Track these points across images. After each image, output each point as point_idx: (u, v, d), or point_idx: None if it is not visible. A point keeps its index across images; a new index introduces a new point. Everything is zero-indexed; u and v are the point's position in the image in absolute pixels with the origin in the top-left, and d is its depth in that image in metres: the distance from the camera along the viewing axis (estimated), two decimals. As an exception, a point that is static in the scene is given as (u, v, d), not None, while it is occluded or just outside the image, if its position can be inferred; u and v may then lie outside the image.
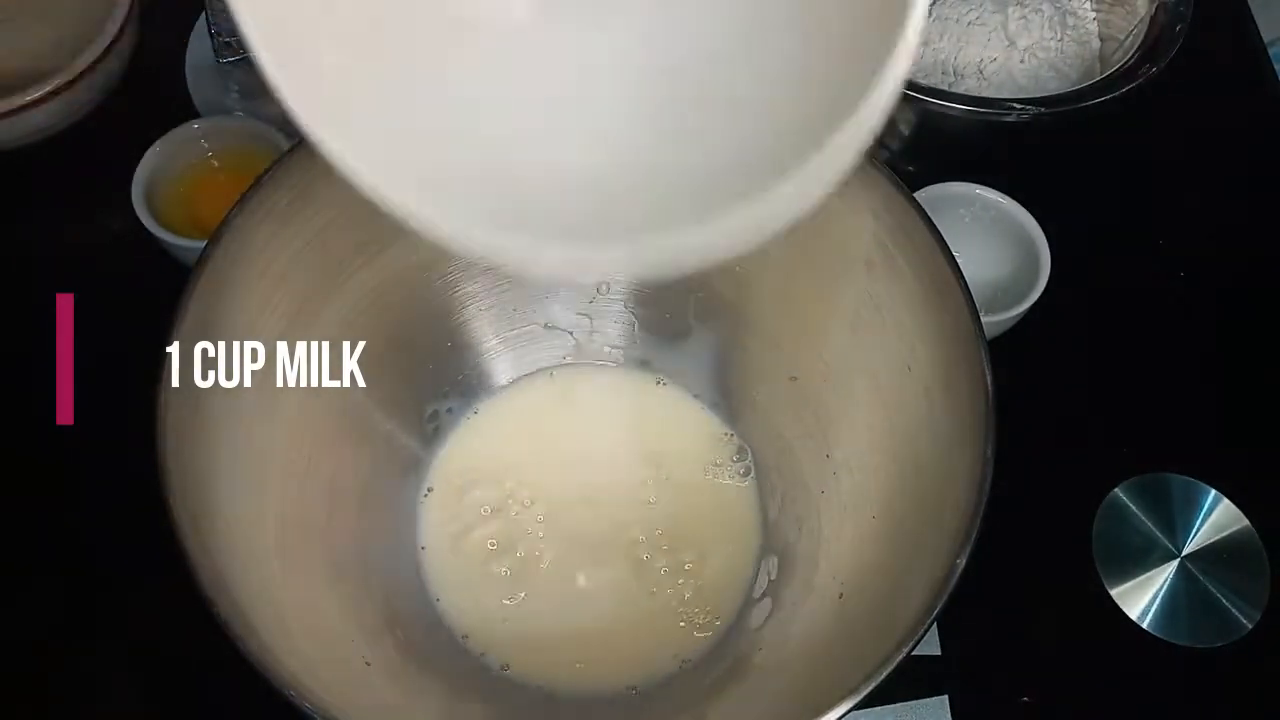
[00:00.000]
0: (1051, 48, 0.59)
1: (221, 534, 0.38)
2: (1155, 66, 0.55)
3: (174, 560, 0.35)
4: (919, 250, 0.42)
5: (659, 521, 0.51)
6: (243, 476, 0.41)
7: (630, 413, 0.55)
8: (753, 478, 0.53)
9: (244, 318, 0.42)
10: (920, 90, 0.53)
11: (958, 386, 0.40)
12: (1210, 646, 0.51)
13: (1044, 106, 0.53)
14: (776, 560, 0.50)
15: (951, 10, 0.59)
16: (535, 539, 0.51)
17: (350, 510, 0.48)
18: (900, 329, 0.44)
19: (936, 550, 0.38)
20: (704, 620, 0.49)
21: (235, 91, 0.64)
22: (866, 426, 0.47)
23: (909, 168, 0.61)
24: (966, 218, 0.58)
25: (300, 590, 0.42)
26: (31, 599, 0.52)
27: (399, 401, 0.51)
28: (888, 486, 0.45)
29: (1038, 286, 0.54)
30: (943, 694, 0.50)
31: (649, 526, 0.51)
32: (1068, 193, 0.63)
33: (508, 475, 0.52)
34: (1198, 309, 0.62)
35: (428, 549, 0.51)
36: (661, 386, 0.55)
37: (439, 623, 0.49)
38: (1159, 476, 0.55)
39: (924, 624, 0.35)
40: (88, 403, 0.47)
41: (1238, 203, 0.66)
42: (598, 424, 0.54)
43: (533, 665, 0.48)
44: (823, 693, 0.35)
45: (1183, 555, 0.53)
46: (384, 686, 0.43)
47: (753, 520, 0.52)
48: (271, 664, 0.34)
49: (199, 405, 0.39)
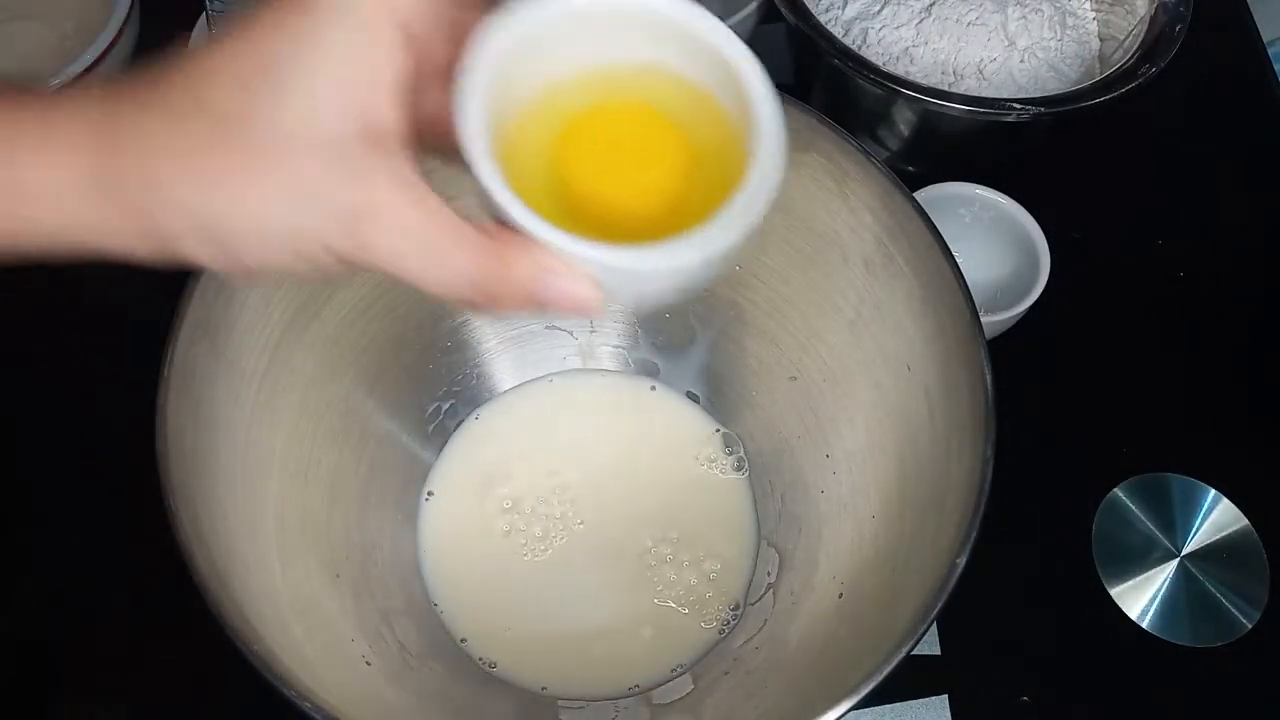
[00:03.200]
0: (1051, 48, 0.59)
1: (222, 534, 0.38)
2: (1155, 66, 0.55)
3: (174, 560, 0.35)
4: (919, 250, 0.42)
5: (659, 522, 0.51)
6: (243, 477, 0.41)
7: (630, 414, 0.55)
8: (752, 477, 0.53)
9: (245, 317, 0.42)
10: (920, 90, 0.53)
11: (957, 386, 0.40)
12: (1210, 646, 0.52)
13: (1044, 106, 0.53)
14: (776, 560, 0.50)
15: (951, 10, 0.59)
16: (535, 540, 0.51)
17: (351, 512, 0.48)
18: (900, 329, 0.44)
19: (936, 550, 0.38)
20: (704, 620, 0.49)
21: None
22: (866, 426, 0.47)
23: (908, 168, 0.62)
24: (966, 218, 0.58)
25: (300, 590, 0.42)
26: (31, 599, 0.52)
27: (399, 402, 0.51)
28: (887, 486, 0.45)
29: (1037, 286, 0.55)
30: (942, 694, 0.50)
31: (649, 527, 0.51)
32: (1067, 192, 0.64)
33: (508, 478, 0.52)
34: (1198, 309, 0.62)
35: (428, 551, 0.51)
36: (661, 387, 0.55)
37: (439, 624, 0.49)
38: (1159, 476, 0.55)
39: (924, 623, 0.35)
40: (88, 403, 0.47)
41: (1237, 202, 0.66)
42: (598, 426, 0.54)
43: (532, 666, 0.48)
44: (822, 692, 0.35)
45: (1182, 555, 0.54)
46: (384, 687, 0.43)
47: (752, 520, 0.52)
48: (271, 664, 0.34)
49: (199, 405, 0.39)
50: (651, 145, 0.28)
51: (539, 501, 0.52)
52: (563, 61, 0.28)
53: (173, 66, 0.25)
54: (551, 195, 0.27)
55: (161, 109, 0.24)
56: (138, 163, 0.24)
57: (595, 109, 0.28)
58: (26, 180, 0.24)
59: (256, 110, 0.24)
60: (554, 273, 0.25)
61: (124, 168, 0.24)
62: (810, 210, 0.45)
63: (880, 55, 0.60)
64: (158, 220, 0.25)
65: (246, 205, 0.24)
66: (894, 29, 0.59)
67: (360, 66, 0.24)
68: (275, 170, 0.24)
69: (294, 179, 0.24)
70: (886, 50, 0.60)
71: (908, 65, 0.59)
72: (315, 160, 0.24)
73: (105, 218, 0.25)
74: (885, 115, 0.59)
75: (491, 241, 0.25)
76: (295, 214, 0.24)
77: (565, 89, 0.28)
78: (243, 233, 0.25)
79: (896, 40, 0.59)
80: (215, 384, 0.40)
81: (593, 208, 0.28)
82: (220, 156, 0.24)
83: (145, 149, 0.24)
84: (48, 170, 0.24)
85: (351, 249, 0.25)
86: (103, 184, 0.24)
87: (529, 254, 0.25)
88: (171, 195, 0.24)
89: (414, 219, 0.24)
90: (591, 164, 0.28)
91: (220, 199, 0.24)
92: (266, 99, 0.24)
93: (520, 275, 0.25)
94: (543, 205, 0.26)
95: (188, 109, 0.24)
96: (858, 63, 0.54)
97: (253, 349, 0.42)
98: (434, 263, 0.25)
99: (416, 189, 0.25)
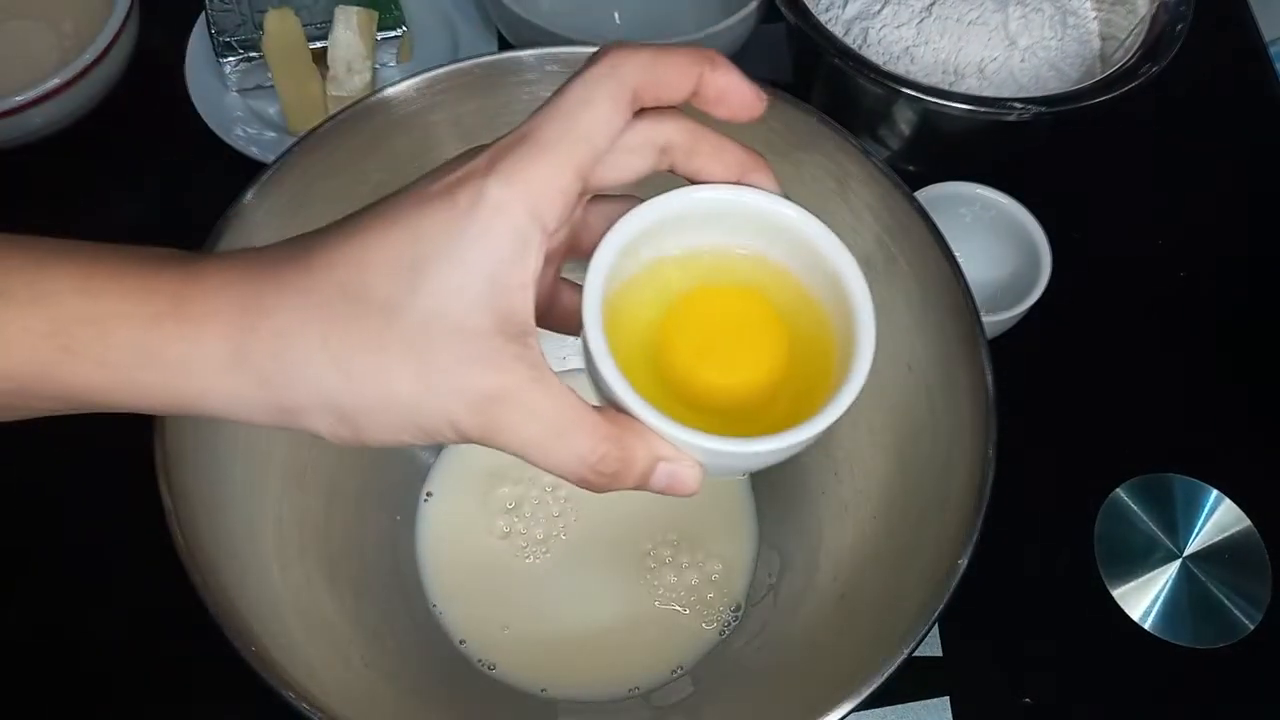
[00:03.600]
0: (1052, 47, 0.59)
1: (220, 535, 0.38)
2: (1156, 66, 0.54)
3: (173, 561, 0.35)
4: (919, 250, 0.42)
5: (659, 524, 0.51)
6: (242, 478, 0.41)
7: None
8: (752, 478, 0.52)
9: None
10: (921, 89, 0.53)
11: (958, 386, 0.40)
12: (1212, 647, 0.51)
13: (1045, 106, 0.53)
14: (777, 561, 0.50)
15: (952, 9, 0.59)
16: (535, 542, 0.51)
17: (349, 513, 0.48)
18: (901, 329, 0.44)
19: (937, 551, 0.38)
20: (705, 621, 0.49)
21: (234, 91, 0.64)
22: (867, 427, 0.46)
23: (909, 167, 0.62)
24: (967, 217, 0.58)
25: (299, 591, 0.42)
26: (31, 599, 0.52)
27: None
28: (888, 487, 0.45)
29: (1038, 286, 0.54)
30: (944, 695, 0.50)
31: (649, 529, 0.51)
32: (1069, 192, 0.63)
33: (507, 480, 0.52)
34: (1199, 309, 0.62)
35: (427, 552, 0.51)
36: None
37: (438, 626, 0.49)
38: (1161, 477, 0.55)
39: (925, 625, 0.35)
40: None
41: (1238, 202, 0.66)
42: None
43: (531, 668, 0.48)
44: (824, 694, 0.35)
45: (1184, 556, 0.53)
46: (382, 688, 0.43)
47: (753, 521, 0.52)
48: (270, 665, 0.34)
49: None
50: (753, 326, 0.30)
51: (538, 503, 0.52)
52: (671, 244, 0.30)
53: (317, 245, 0.26)
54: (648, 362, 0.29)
55: (301, 293, 0.25)
56: (274, 339, 0.25)
57: (701, 288, 0.30)
58: (165, 343, 0.25)
59: (399, 299, 0.25)
60: (667, 459, 0.28)
61: (262, 343, 0.25)
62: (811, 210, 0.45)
63: (881, 54, 0.59)
64: (287, 395, 0.26)
65: (380, 390, 0.25)
66: (894, 28, 0.59)
67: (503, 265, 0.25)
68: (413, 357, 0.25)
69: (430, 366, 0.25)
70: (887, 49, 0.60)
71: (908, 64, 0.59)
72: (452, 349, 0.25)
73: (236, 390, 0.26)
74: (886, 115, 0.59)
75: (613, 429, 0.27)
76: (428, 398, 0.25)
77: (671, 264, 0.30)
78: (371, 413, 0.26)
79: (897, 39, 0.59)
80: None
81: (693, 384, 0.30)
82: (360, 341, 0.25)
83: (284, 328, 0.25)
84: (186, 340, 0.25)
85: (478, 429, 0.26)
86: (238, 357, 0.25)
87: (646, 443, 0.27)
88: (305, 375, 0.25)
89: (544, 406, 0.26)
90: (695, 340, 0.30)
91: (355, 383, 0.25)
92: (411, 290, 0.25)
93: (638, 462, 0.27)
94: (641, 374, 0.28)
95: (328, 294, 0.25)
96: (858, 62, 0.54)
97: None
98: (560, 446, 0.26)
99: (547, 377, 0.26)
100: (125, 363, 0.25)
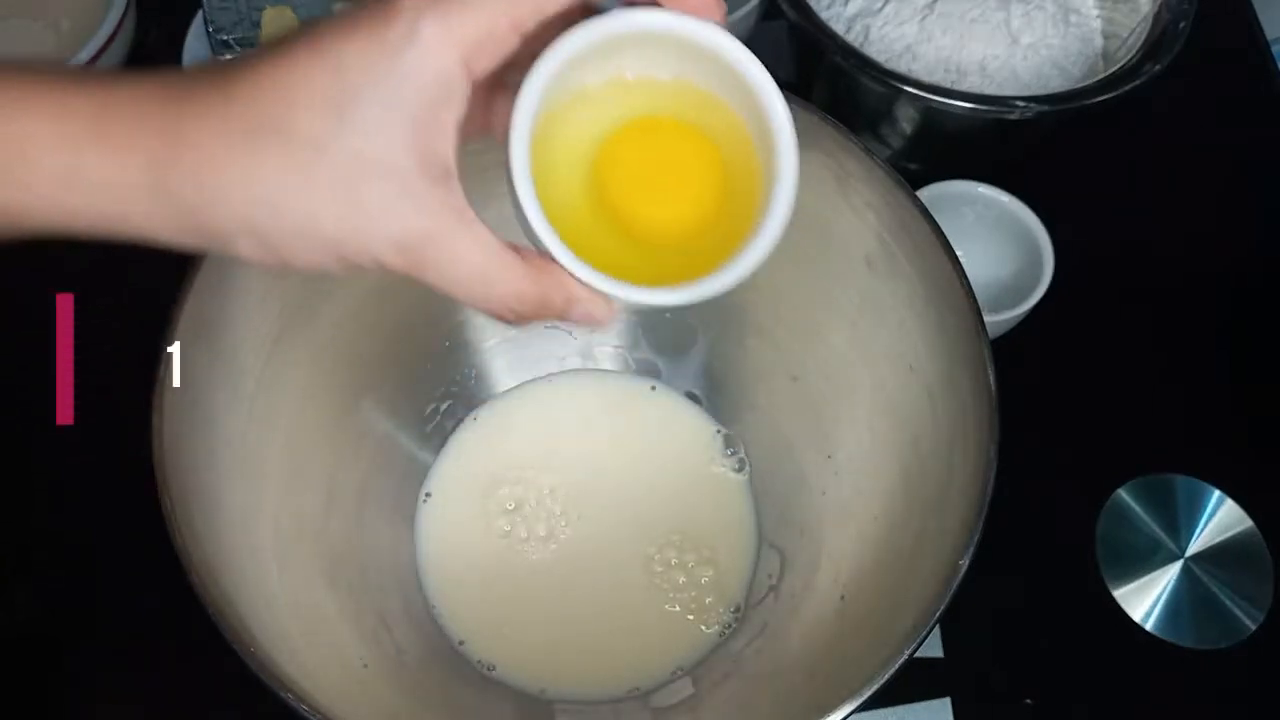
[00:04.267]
0: (1055, 45, 0.59)
1: (219, 536, 0.38)
2: (1158, 64, 0.54)
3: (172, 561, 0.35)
4: (921, 249, 0.42)
5: (660, 524, 0.51)
6: (241, 478, 0.41)
7: (630, 414, 0.54)
8: (753, 478, 0.52)
9: (243, 316, 0.41)
10: (923, 87, 0.53)
11: (960, 386, 0.40)
12: (1214, 648, 0.51)
13: (1047, 104, 0.53)
14: (778, 562, 0.50)
15: (954, 7, 0.59)
16: (535, 542, 0.51)
17: (348, 513, 0.48)
18: (902, 328, 0.44)
19: (939, 551, 0.38)
20: (705, 622, 0.49)
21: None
22: (868, 427, 0.46)
23: (911, 166, 0.61)
24: (969, 216, 0.57)
25: (298, 592, 0.42)
26: (30, 599, 0.52)
27: (397, 402, 0.51)
28: (890, 487, 0.44)
29: (1041, 285, 0.54)
30: (945, 696, 0.50)
31: (649, 529, 0.51)
32: (1071, 191, 0.63)
33: (507, 480, 0.52)
34: (1201, 308, 0.62)
35: (426, 553, 0.51)
36: (662, 387, 0.55)
37: (437, 626, 0.49)
38: (1162, 477, 0.55)
39: (926, 626, 0.35)
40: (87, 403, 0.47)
41: (1240, 201, 0.66)
42: (598, 427, 0.54)
43: (531, 668, 0.48)
44: (824, 694, 0.35)
45: (1186, 556, 0.53)
46: (382, 689, 0.43)
47: (753, 521, 0.52)
48: (269, 665, 0.34)
49: (197, 405, 0.39)
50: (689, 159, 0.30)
51: (537, 503, 0.51)
52: (594, 74, 0.29)
53: (241, 72, 0.26)
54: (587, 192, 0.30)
55: (225, 120, 0.25)
56: (196, 169, 0.25)
57: (633, 121, 0.30)
58: (85, 168, 0.25)
59: (326, 136, 0.25)
60: (579, 300, 0.29)
61: (185, 174, 0.25)
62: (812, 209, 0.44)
63: (882, 52, 0.59)
64: (210, 223, 0.26)
65: (306, 224, 0.26)
66: (896, 26, 0.59)
67: (427, 108, 0.25)
68: (340, 195, 0.25)
69: (356, 207, 0.26)
70: (889, 47, 0.59)
71: (910, 63, 0.59)
72: (377, 187, 0.26)
73: (158, 214, 0.26)
74: (887, 113, 0.58)
75: (533, 272, 0.28)
76: (354, 236, 0.26)
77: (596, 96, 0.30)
78: (295, 241, 0.26)
79: (899, 37, 0.59)
80: (212, 384, 0.40)
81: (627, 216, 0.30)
82: (285, 178, 0.25)
83: (206, 158, 0.25)
84: (107, 166, 0.25)
85: (402, 266, 0.27)
86: (160, 185, 0.25)
87: (562, 285, 0.28)
88: (229, 206, 0.26)
89: (467, 248, 0.27)
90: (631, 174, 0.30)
91: (281, 217, 0.26)
92: (338, 126, 0.25)
93: (554, 304, 0.29)
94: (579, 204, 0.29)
95: (252, 125, 0.25)
96: (860, 60, 0.54)
97: (250, 348, 0.42)
98: (481, 288, 0.28)
99: (472, 222, 0.27)
100: (49, 186, 0.26)
